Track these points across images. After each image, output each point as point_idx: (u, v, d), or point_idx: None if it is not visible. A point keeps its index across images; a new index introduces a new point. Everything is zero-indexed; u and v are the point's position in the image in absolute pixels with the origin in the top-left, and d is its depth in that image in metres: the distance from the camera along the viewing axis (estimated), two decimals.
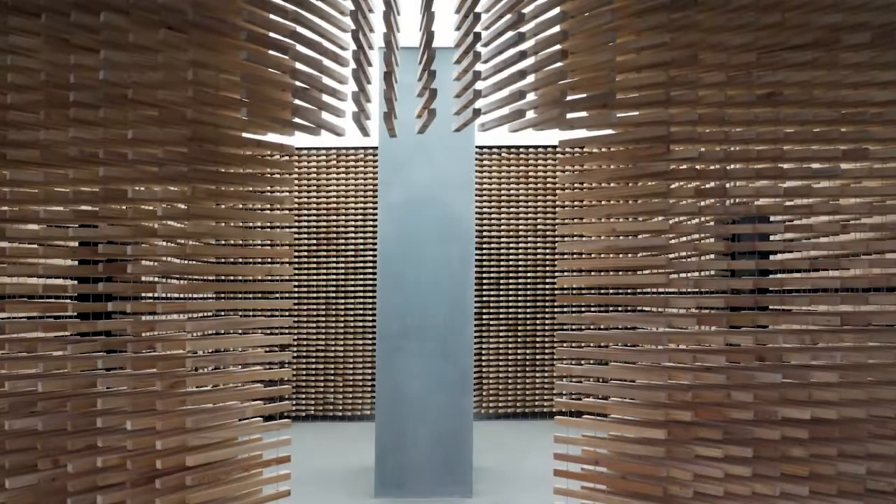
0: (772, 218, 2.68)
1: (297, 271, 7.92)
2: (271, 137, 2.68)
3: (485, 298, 7.88)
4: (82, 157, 2.40)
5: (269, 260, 7.61)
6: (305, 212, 7.96)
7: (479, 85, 2.58)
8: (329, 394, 7.89)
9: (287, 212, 8.03)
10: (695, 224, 2.50)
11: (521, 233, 7.98)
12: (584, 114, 2.55)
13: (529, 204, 8.00)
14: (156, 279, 2.90)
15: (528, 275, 7.96)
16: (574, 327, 7.34)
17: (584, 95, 2.53)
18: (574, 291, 7.77)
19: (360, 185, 7.99)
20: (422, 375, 4.93)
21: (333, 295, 7.93)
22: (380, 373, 4.97)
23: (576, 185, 7.84)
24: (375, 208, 7.83)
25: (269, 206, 3.64)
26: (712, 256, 2.97)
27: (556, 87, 2.55)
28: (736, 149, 2.50)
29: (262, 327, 2.64)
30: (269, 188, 3.00)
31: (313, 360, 7.91)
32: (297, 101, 2.56)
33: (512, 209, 7.99)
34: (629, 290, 6.61)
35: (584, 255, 7.87)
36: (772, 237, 2.74)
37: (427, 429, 4.98)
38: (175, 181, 2.44)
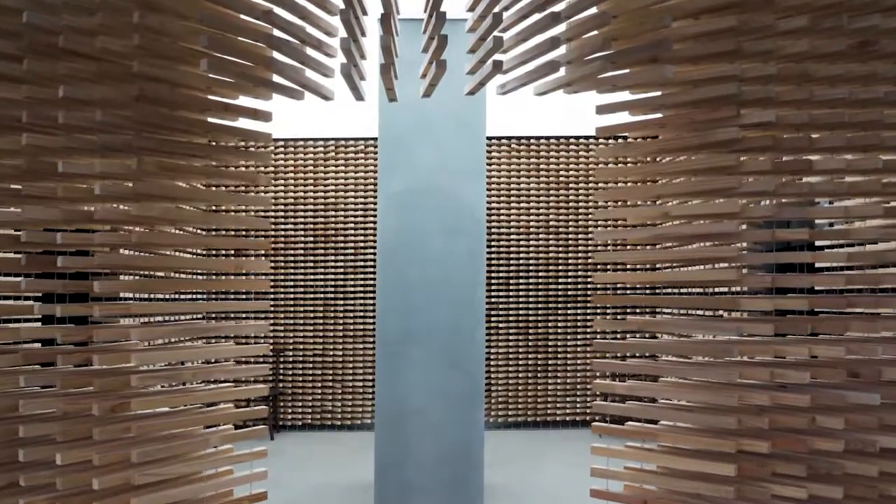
0: (866, 199, 2.17)
1: (293, 270, 7.43)
2: (243, 101, 2.19)
3: (493, 299, 7.38)
4: (0, 121, 1.91)
5: (242, 252, 7.15)
6: (302, 207, 7.47)
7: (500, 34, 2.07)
8: (327, 401, 7.40)
9: (262, 193, 7.54)
10: (771, 206, 1.99)
11: (531, 229, 7.47)
12: (628, 70, 2.05)
13: (541, 198, 7.49)
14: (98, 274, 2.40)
15: (540, 274, 7.45)
16: (615, 334, 6.81)
17: (630, 47, 2.03)
18: (614, 290, 7.22)
19: (360, 178, 7.49)
20: (426, 385, 4.42)
21: (332, 295, 7.43)
22: (379, 381, 4.46)
23: (618, 159, 7.29)
24: (377, 203, 7.34)
25: (240, 185, 3.09)
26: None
27: (594, 37, 2.05)
28: (821, 112, 2.00)
29: (231, 335, 2.14)
30: (240, 163, 2.47)
31: (310, 365, 7.41)
32: (274, 55, 2.06)
33: (522, 204, 7.49)
34: (685, 290, 5.87)
35: (626, 246, 7.34)
36: (863, 223, 2.23)
37: (432, 444, 4.47)
38: (118, 152, 1.94)
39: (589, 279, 7.45)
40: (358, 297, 7.42)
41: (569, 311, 7.43)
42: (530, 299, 7.43)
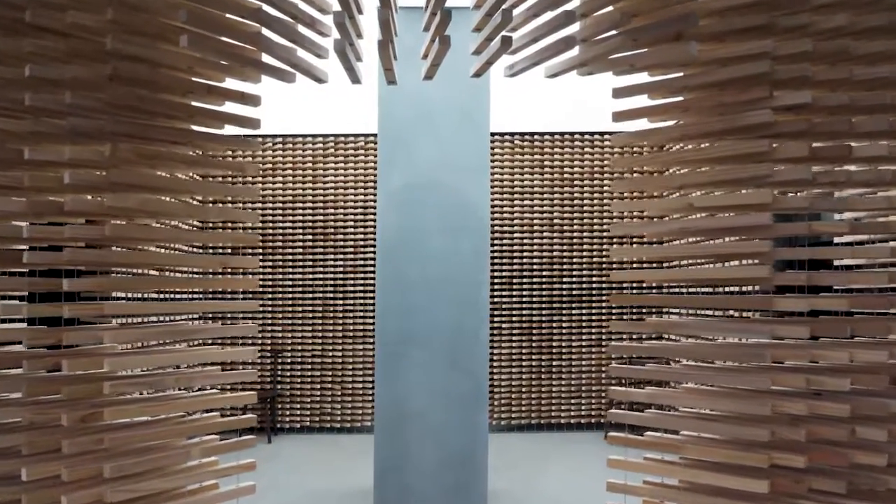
0: None
1: (291, 269, 7.26)
2: (230, 84, 2.02)
3: (496, 299, 7.20)
4: None
5: (229, 248, 6.94)
6: (300, 205, 7.30)
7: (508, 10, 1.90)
8: (326, 403, 7.23)
9: (251, 184, 7.32)
10: (806, 196, 1.82)
11: (535, 228, 7.29)
12: (649, 48, 1.88)
13: (545, 196, 7.31)
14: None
15: (544, 273, 7.27)
16: (632, 337, 6.62)
17: (652, 22, 1.85)
18: (632, 289, 6.99)
19: (359, 175, 7.32)
20: (427, 386, 4.25)
21: (331, 295, 7.26)
22: (379, 383, 4.29)
23: (634, 148, 7.02)
24: (377, 200, 7.16)
25: (227, 175, 2.87)
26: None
27: (611, 12, 1.88)
28: (861, 93, 1.83)
29: (216, 337, 1.97)
30: (227, 152, 2.30)
31: (309, 366, 7.24)
32: (263, 32, 1.89)
33: (526, 202, 7.31)
34: (710, 289, 5.47)
35: (644, 242, 7.11)
36: None
37: (434, 448, 4.30)
38: (91, 138, 1.77)
39: (595, 278, 7.27)
40: (358, 296, 7.25)
41: (573, 312, 7.26)
42: (534, 299, 7.26)
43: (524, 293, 7.27)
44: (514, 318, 7.26)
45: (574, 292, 7.27)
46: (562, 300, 7.27)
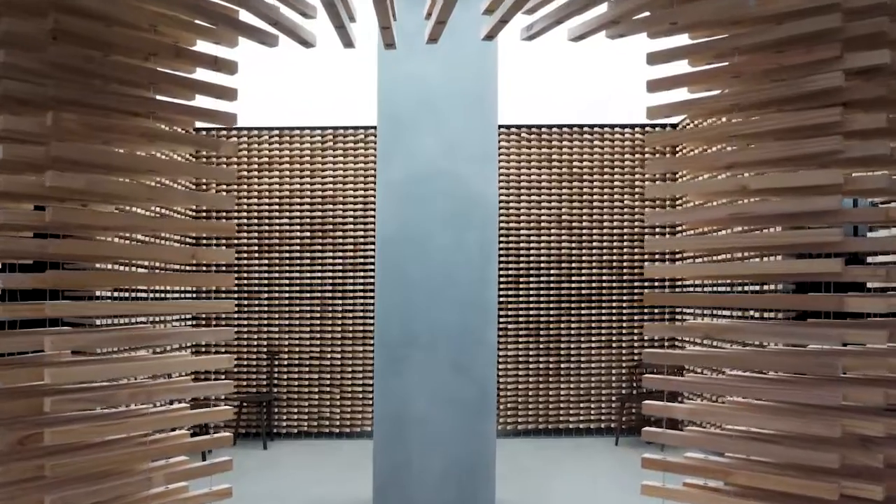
0: None
1: (288, 268, 6.98)
2: (202, 47, 1.74)
3: (502, 299, 6.91)
4: None
5: (200, 238, 6.51)
6: (298, 200, 7.02)
7: None
8: (324, 408, 6.94)
9: (225, 165, 6.95)
10: (882, 176, 1.53)
11: (543, 224, 7.00)
12: (694, 2, 1.59)
13: (553, 191, 7.02)
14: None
15: (552, 272, 6.98)
16: (672, 341, 6.23)
17: None
18: (668, 286, 6.64)
19: (359, 169, 7.03)
20: (430, 392, 3.96)
21: (330, 295, 6.98)
22: (378, 389, 4.01)
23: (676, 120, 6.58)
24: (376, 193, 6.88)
25: (200, 152, 2.46)
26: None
27: None
28: None
29: (184, 342, 1.68)
30: (199, 128, 2.01)
31: (306, 368, 6.96)
32: None
33: (533, 197, 7.01)
34: (763, 287, 4.64)
35: (679, 231, 6.62)
36: None
37: (437, 458, 4.01)
38: (29, 106, 1.49)
39: (605, 277, 6.98)
40: (358, 296, 6.96)
41: (582, 312, 6.96)
42: (541, 299, 6.97)
43: (531, 292, 6.97)
44: (520, 319, 6.97)
45: (583, 291, 6.98)
46: (570, 299, 6.98)
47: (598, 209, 7.01)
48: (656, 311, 6.95)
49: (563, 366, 6.97)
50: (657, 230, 6.55)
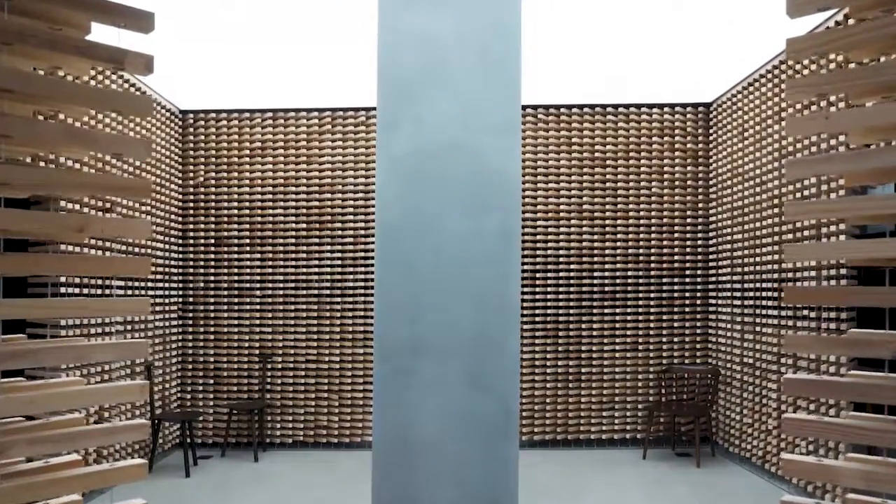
0: None
1: (282, 262, 6.39)
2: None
3: None
4: None
5: (102, 210, 4.86)
6: (293, 189, 6.42)
7: None
8: (322, 416, 6.35)
9: (143, 133, 6.05)
10: None
11: (562, 214, 6.37)
12: None
13: (573, 178, 6.39)
14: None
15: (572, 267, 6.36)
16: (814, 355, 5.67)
17: None
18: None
19: (360, 154, 6.43)
20: (441, 411, 3.33)
21: (328, 292, 6.38)
22: (378, 407, 3.38)
23: (820, 62, 4.00)
24: (376, 172, 6.26)
25: (113, 69, 1.57)
26: None
27: None
28: None
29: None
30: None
31: (302, 373, 6.36)
32: None
33: (551, 184, 6.39)
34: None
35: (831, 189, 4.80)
36: None
37: (449, 490, 3.39)
38: None
39: (630, 273, 6.34)
40: (358, 294, 6.36)
41: (605, 311, 6.34)
42: (560, 297, 6.34)
43: (549, 290, 6.35)
44: (537, 319, 6.35)
45: (606, 289, 6.35)
46: (592, 298, 6.35)
47: (623, 197, 6.37)
48: (687, 310, 6.32)
49: (584, 371, 6.34)
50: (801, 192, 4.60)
